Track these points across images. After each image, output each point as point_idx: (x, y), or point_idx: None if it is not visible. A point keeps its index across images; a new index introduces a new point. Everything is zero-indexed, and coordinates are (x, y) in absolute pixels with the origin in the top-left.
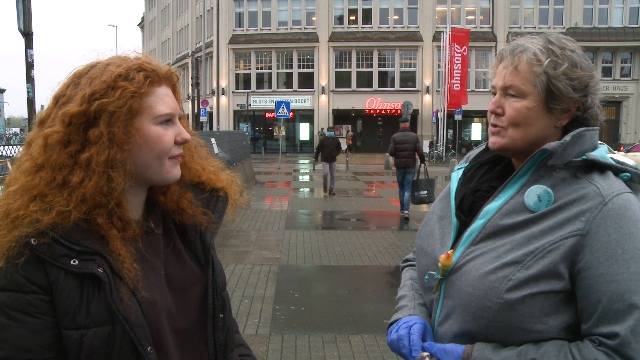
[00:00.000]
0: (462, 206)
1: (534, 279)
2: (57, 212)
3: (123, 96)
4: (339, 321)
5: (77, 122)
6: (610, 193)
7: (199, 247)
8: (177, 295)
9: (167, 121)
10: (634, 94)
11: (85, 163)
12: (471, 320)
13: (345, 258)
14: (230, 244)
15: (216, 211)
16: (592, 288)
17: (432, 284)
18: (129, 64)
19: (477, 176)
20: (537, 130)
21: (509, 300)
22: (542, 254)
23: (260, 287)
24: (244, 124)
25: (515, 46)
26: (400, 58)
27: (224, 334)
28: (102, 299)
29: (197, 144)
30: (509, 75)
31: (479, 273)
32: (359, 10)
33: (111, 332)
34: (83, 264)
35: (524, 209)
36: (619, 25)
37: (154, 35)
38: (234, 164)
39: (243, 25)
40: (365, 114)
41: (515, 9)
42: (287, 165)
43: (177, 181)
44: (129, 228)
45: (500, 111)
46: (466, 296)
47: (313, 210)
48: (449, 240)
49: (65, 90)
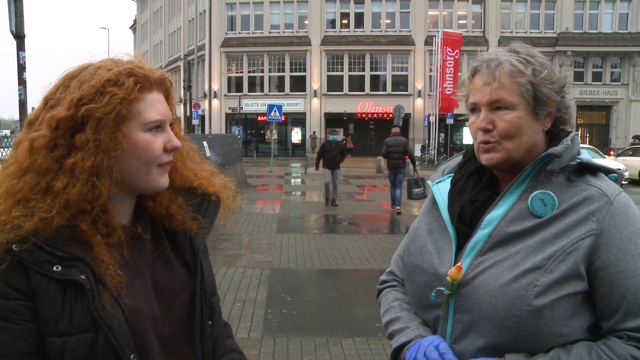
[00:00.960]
0: (462, 218)
1: (559, 282)
2: (39, 218)
3: (111, 102)
4: (331, 325)
5: (64, 127)
6: (612, 193)
7: (188, 252)
8: (165, 301)
9: (156, 127)
10: (623, 99)
11: (69, 169)
12: (498, 332)
13: (337, 261)
14: (222, 247)
15: (207, 215)
16: (614, 285)
17: (439, 300)
18: (120, 68)
19: (469, 187)
20: (528, 138)
21: (537, 306)
22: (562, 256)
23: (252, 291)
24: (236, 127)
25: (488, 60)
26: (392, 62)
27: (213, 341)
28: (85, 306)
29: (190, 148)
30: (495, 90)
31: (499, 283)
32: (351, 14)
33: (93, 339)
34: (66, 271)
35: (530, 215)
36: (609, 30)
37: (146, 38)
38: (226, 167)
39: (235, 29)
40: (357, 117)
41: (507, 14)
42: (279, 169)
43: (168, 187)
44: (114, 234)
45: (491, 127)
46: (489, 308)
47: (305, 214)
48: (448, 254)
49: (55, 92)
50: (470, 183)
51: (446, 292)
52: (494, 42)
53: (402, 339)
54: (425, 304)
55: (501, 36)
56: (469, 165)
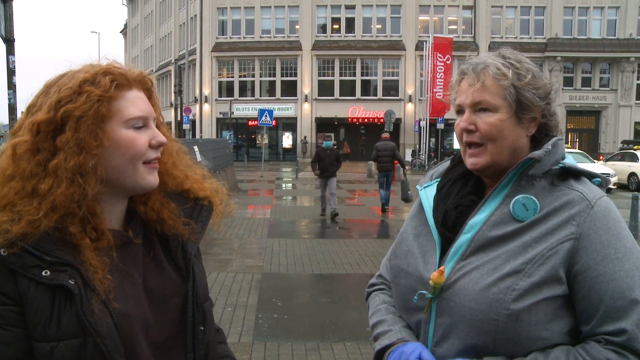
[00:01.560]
0: (445, 222)
1: (537, 286)
2: (27, 222)
3: (89, 100)
4: (322, 329)
5: (45, 130)
6: (594, 197)
7: (180, 257)
8: (156, 306)
9: (140, 125)
10: (612, 104)
11: (53, 170)
12: (476, 335)
13: (328, 266)
14: (212, 252)
15: (200, 220)
16: (592, 288)
17: (422, 303)
18: (96, 69)
19: (454, 191)
20: (511, 141)
21: (515, 310)
22: (541, 260)
23: (242, 295)
24: (227, 131)
25: (475, 64)
26: (383, 67)
27: (204, 346)
28: (73, 311)
29: (180, 150)
30: (478, 91)
31: (479, 287)
32: (342, 19)
33: (82, 344)
34: (54, 275)
35: (512, 219)
36: (598, 36)
37: (136, 42)
38: (217, 171)
39: (226, 33)
40: (348, 122)
41: (497, 19)
42: (269, 173)
43: (159, 190)
44: (103, 238)
45: (473, 127)
46: (468, 311)
47: (296, 218)
48: (433, 258)
49: (36, 100)
50: (456, 188)
51: (428, 295)
52: (485, 48)
53: (384, 342)
54: (409, 307)
55: (491, 41)
56: (456, 170)
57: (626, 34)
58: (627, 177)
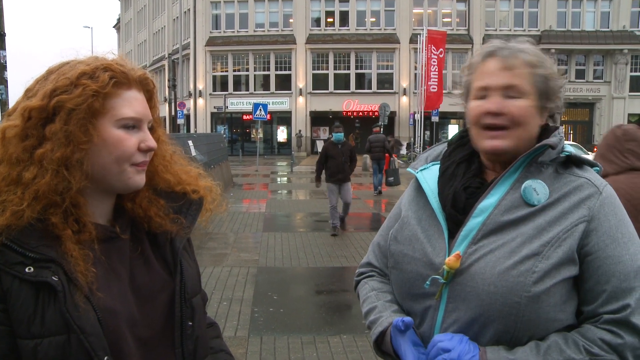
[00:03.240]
0: (455, 204)
1: (556, 268)
2: (11, 212)
3: (83, 94)
4: (318, 322)
5: (36, 117)
6: (601, 184)
7: (168, 252)
8: (143, 302)
9: (131, 126)
10: (606, 96)
11: (39, 159)
12: (496, 319)
13: (323, 259)
14: (208, 246)
15: (189, 214)
16: (600, 269)
17: (433, 289)
18: (98, 63)
19: (460, 173)
20: (531, 129)
21: (537, 292)
22: (558, 242)
23: (238, 289)
24: (222, 126)
25: (504, 47)
26: (378, 60)
27: (193, 342)
28: (57, 308)
29: (175, 153)
30: (511, 75)
31: (497, 270)
32: (336, 12)
33: (66, 341)
34: (38, 272)
35: (523, 204)
36: (591, 28)
37: (130, 37)
38: (212, 166)
39: (220, 27)
40: (342, 115)
41: (491, 12)
42: (264, 168)
43: (148, 188)
44: (85, 230)
45: (506, 110)
46: (487, 295)
47: (291, 212)
48: (440, 242)
49: (35, 84)
50: (461, 170)
51: (442, 280)
52: (479, 40)
53: (377, 330)
54: (416, 293)
55: (485, 34)
56: (457, 153)
57: (619, 26)
58: None
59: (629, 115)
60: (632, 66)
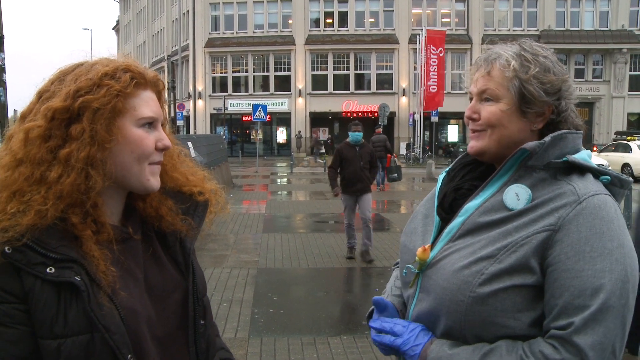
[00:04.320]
0: (443, 204)
1: (507, 273)
2: (35, 212)
3: (108, 94)
4: (318, 323)
5: (59, 118)
6: (586, 193)
7: (179, 252)
8: (157, 301)
9: (149, 125)
10: (605, 95)
11: (64, 159)
12: (445, 314)
13: (323, 260)
14: (208, 247)
15: (196, 216)
16: (557, 282)
17: (410, 278)
18: (116, 64)
19: (459, 175)
20: (511, 132)
21: (481, 294)
22: (514, 248)
23: (238, 291)
24: (221, 127)
25: (489, 54)
26: (377, 60)
27: (205, 340)
28: (80, 308)
29: (181, 153)
30: (483, 80)
31: (453, 268)
32: (335, 13)
33: (90, 340)
34: (60, 272)
35: (503, 207)
36: (590, 28)
37: (129, 38)
38: (211, 167)
39: (219, 29)
40: (342, 116)
41: (490, 12)
42: (264, 169)
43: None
44: (103, 231)
45: (477, 116)
46: (441, 290)
47: (291, 213)
48: (430, 237)
49: (49, 86)
50: (462, 172)
51: (414, 270)
52: (478, 40)
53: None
54: (404, 281)
55: (484, 34)
56: (469, 156)
57: (618, 25)
58: (620, 168)
59: (629, 115)
60: (631, 65)
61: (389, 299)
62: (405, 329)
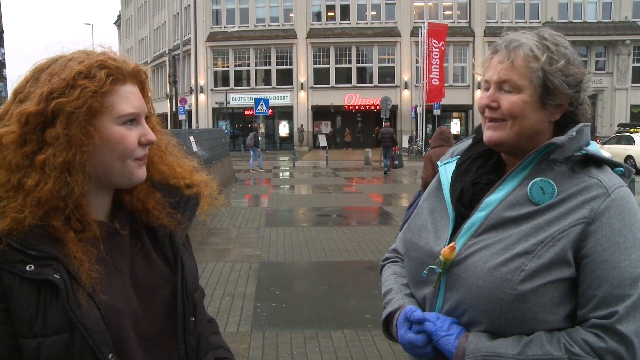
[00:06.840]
0: (461, 199)
1: (546, 268)
2: (12, 219)
3: (82, 95)
4: (320, 317)
5: (34, 122)
6: (612, 185)
7: (168, 247)
8: (144, 298)
9: (131, 121)
10: (608, 87)
11: (40, 165)
12: (482, 313)
13: (325, 254)
14: (210, 241)
15: (187, 210)
16: (594, 273)
17: (431, 277)
18: (91, 60)
19: (473, 169)
20: (532, 124)
21: (522, 291)
22: (552, 242)
23: (241, 285)
24: (223, 121)
25: (510, 41)
26: (379, 54)
27: (196, 337)
28: (60, 306)
29: (169, 143)
30: (505, 70)
31: (488, 265)
32: (337, 6)
33: (70, 339)
34: (39, 270)
35: (528, 201)
36: (593, 19)
37: (130, 33)
38: (213, 162)
39: (221, 23)
40: (344, 110)
41: (492, 4)
42: (266, 163)
43: (145, 181)
44: (88, 229)
45: (496, 105)
46: (476, 289)
47: (293, 207)
48: (445, 233)
49: (24, 85)
50: (475, 165)
51: (438, 270)
52: (480, 33)
53: (388, 310)
54: (419, 280)
55: (487, 26)
56: (477, 148)
57: (621, 17)
58: (623, 160)
59: (632, 107)
60: (635, 57)
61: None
62: (436, 318)
